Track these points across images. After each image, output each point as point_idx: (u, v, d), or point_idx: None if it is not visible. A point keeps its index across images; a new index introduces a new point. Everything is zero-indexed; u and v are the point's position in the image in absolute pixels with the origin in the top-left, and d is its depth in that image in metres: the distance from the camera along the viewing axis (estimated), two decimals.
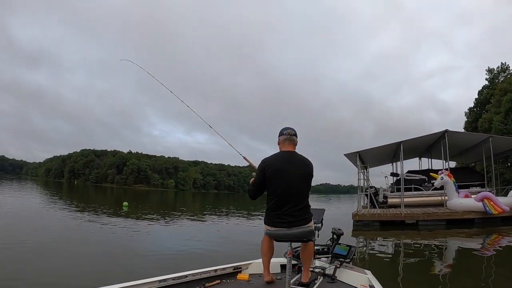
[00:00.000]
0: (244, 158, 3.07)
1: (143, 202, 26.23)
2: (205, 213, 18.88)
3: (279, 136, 2.58)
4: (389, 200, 15.56)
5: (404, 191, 14.82)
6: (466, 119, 32.78)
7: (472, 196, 11.85)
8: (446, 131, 14.19)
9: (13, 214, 11.16)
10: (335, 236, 2.92)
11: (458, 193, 12.17)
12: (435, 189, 13.71)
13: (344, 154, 15.97)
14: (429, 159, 19.93)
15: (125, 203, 17.61)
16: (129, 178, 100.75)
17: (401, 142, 14.75)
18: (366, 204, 16.13)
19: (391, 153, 17.37)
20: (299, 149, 2.58)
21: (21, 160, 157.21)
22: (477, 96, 31.97)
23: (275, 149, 2.63)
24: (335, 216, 19.95)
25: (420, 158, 20.87)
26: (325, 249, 2.99)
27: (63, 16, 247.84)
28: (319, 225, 2.83)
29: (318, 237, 2.84)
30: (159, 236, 9.26)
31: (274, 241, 2.56)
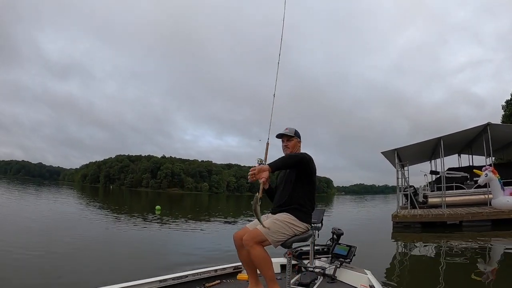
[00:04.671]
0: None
1: (176, 206, 26.95)
2: (238, 215, 18.94)
3: (300, 138, 2.56)
4: (429, 200, 14.76)
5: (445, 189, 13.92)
6: (503, 112, 30.23)
7: None
8: (488, 124, 13.10)
9: (53, 218, 11.82)
10: (335, 236, 2.84)
11: (504, 190, 11.19)
12: (479, 186, 12.82)
13: (381, 152, 15.34)
14: (469, 155, 18.52)
15: (158, 207, 18.18)
16: (163, 182, 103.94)
17: (440, 137, 13.86)
18: (405, 204, 15.35)
19: (430, 150, 16.43)
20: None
21: (58, 166, 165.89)
22: None
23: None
24: (373, 215, 19.38)
25: (459, 155, 19.48)
26: (325, 249, 2.91)
27: (92, 29, 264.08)
28: (319, 225, 2.75)
29: (318, 237, 2.77)
30: (187, 238, 9.49)
31: None
